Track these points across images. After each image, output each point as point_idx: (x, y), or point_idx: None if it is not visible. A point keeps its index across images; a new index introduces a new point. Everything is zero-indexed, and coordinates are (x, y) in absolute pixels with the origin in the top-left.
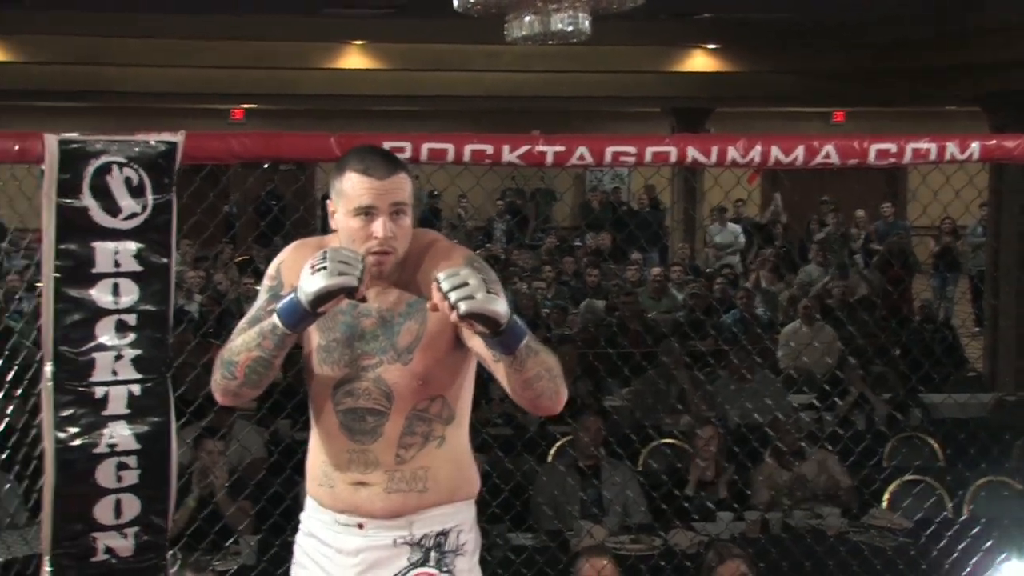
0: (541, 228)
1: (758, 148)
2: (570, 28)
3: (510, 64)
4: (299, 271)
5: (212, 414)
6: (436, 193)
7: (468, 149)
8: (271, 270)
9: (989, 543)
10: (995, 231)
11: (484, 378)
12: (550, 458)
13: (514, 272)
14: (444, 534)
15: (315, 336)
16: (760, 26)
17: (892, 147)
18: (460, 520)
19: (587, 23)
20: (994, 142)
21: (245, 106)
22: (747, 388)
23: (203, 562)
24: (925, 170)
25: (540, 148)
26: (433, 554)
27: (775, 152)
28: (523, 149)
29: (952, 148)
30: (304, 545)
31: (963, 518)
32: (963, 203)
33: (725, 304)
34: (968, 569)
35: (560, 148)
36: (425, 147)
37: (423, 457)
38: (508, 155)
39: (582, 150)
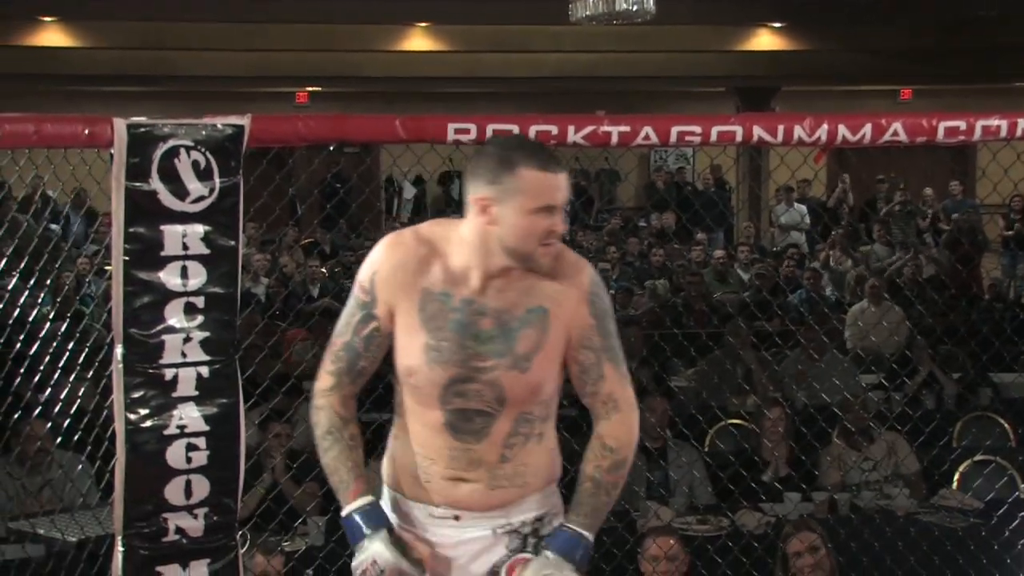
0: (606, 209)
1: (825, 127)
2: (635, 8)
3: (574, 44)
4: (396, 289)
5: (279, 396)
6: None
7: (533, 130)
8: (364, 280)
9: None
10: None
11: None
12: None
13: (579, 253)
14: (540, 519)
15: (421, 334)
16: (825, 4)
17: (961, 124)
18: (552, 503)
19: (652, 2)
20: None
21: (310, 89)
22: (815, 368)
23: (272, 543)
24: (995, 147)
25: (605, 128)
26: (531, 540)
27: (842, 131)
28: (588, 129)
29: None
30: None
31: None
32: None
33: (792, 284)
34: None
35: (625, 128)
36: (490, 128)
37: (524, 454)
38: (573, 136)
39: (647, 130)
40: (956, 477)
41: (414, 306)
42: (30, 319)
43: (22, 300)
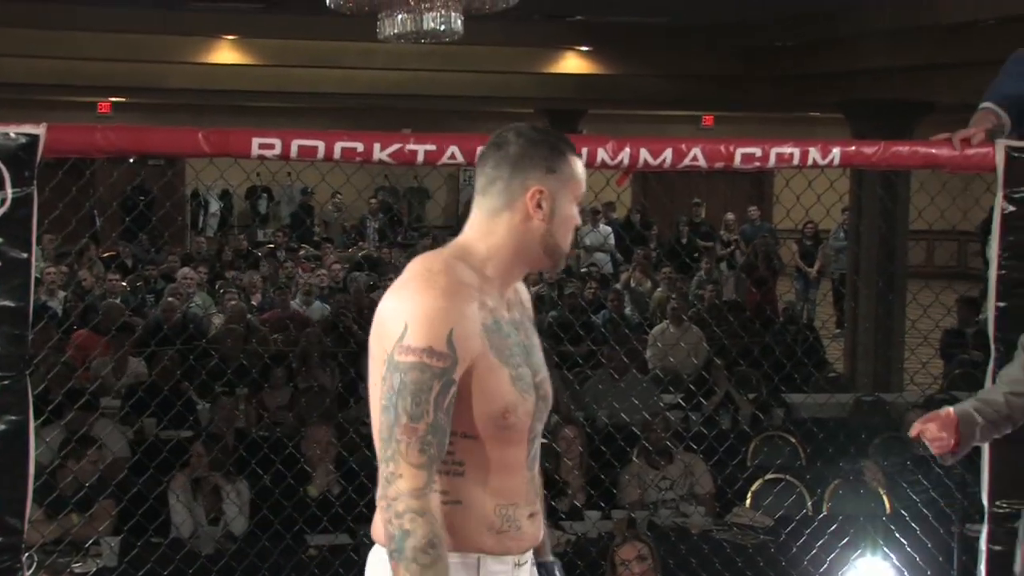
0: (414, 227)
1: (627, 150)
2: (442, 27)
3: (384, 62)
4: (475, 338)
5: (72, 413)
6: (310, 190)
7: (338, 146)
8: (434, 343)
9: (845, 540)
10: (855, 235)
11: (354, 375)
12: None
13: (389, 272)
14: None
15: (503, 369)
16: (632, 30)
17: (757, 151)
18: None
19: (459, 23)
20: (854, 148)
21: (113, 99)
22: (616, 388)
23: (61, 564)
24: (789, 174)
25: (411, 146)
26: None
27: (644, 154)
28: (394, 147)
29: (814, 153)
30: None
31: (821, 515)
32: (824, 207)
33: (595, 305)
34: (825, 565)
35: (431, 147)
36: (295, 144)
37: None
38: (379, 153)
39: (453, 149)
40: (749, 495)
41: (486, 347)
42: None
43: None
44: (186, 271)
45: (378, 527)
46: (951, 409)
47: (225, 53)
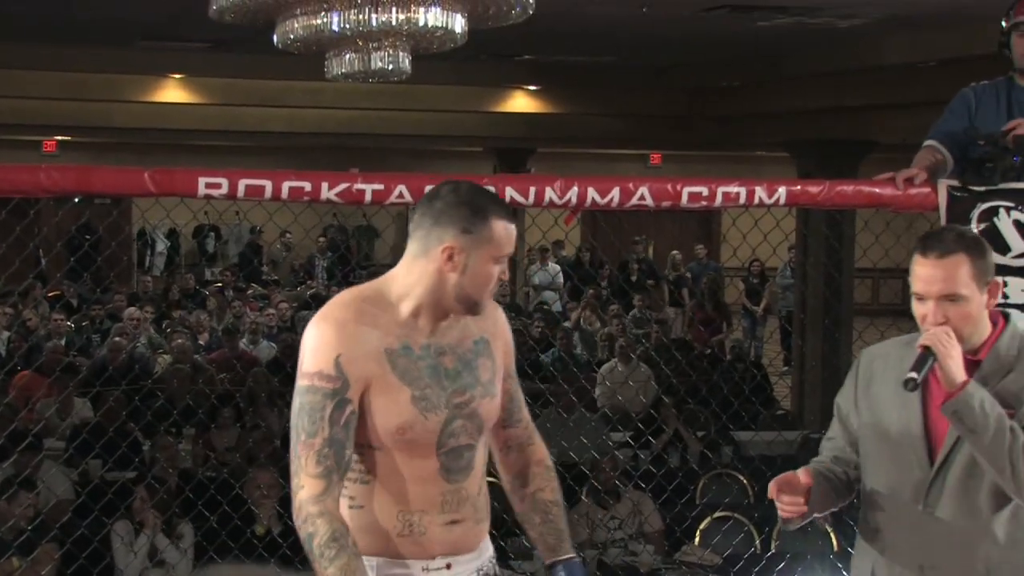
0: (362, 266)
1: (575, 189)
2: (391, 67)
3: (333, 101)
4: (366, 362)
5: (15, 455)
6: (260, 229)
7: (286, 186)
8: (323, 368)
9: None
10: (802, 273)
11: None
12: None
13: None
14: (492, 557)
15: (404, 390)
16: (580, 69)
17: (704, 190)
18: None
19: (407, 62)
20: (799, 187)
21: (58, 138)
22: (564, 426)
23: None
24: (736, 213)
25: (359, 186)
26: None
27: (591, 193)
28: (342, 187)
29: (760, 192)
30: None
31: (770, 554)
32: (771, 246)
33: (543, 343)
34: None
35: (379, 186)
36: (242, 183)
37: (484, 483)
38: (327, 192)
39: (401, 188)
40: (698, 533)
41: (386, 369)
42: None
43: None
44: (132, 311)
45: None
46: (808, 472)
47: (172, 92)
